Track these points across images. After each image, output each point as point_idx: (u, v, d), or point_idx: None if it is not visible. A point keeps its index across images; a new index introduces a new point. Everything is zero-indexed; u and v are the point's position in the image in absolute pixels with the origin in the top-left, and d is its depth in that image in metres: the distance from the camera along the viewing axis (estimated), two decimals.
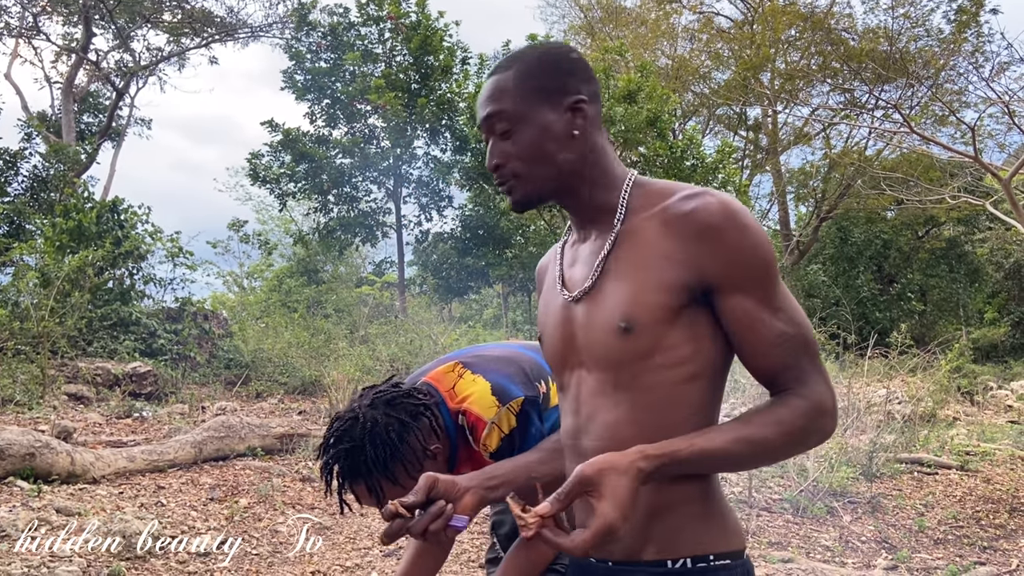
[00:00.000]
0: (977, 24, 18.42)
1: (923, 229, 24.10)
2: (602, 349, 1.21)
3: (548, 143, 1.24)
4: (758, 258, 1.15)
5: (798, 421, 1.13)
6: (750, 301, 1.15)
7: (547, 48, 1.30)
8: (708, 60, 24.19)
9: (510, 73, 1.25)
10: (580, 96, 1.25)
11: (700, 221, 1.15)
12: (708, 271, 1.14)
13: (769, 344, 1.15)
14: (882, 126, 16.19)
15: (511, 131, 1.24)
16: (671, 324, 1.16)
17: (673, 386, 1.17)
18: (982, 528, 5.65)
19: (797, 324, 1.17)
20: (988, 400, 12.71)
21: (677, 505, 1.18)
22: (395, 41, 19.10)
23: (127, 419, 7.60)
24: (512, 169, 1.26)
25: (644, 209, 1.22)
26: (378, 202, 20.08)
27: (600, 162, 1.28)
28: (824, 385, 1.15)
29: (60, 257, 10.24)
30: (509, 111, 1.24)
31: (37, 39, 21.99)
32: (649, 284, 1.17)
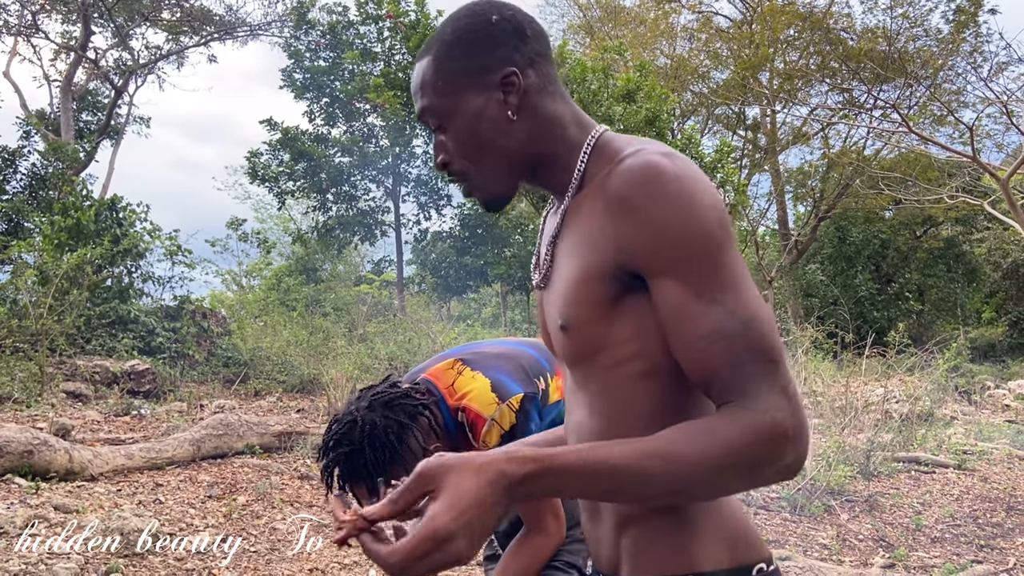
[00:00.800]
0: (975, 24, 18.45)
1: (921, 229, 24.14)
2: (557, 345, 1.08)
3: (484, 133, 1.06)
4: (686, 233, 0.91)
5: (737, 439, 0.86)
6: (677, 287, 0.91)
7: (462, 18, 1.09)
8: (707, 59, 24.22)
9: (429, 59, 1.08)
10: (508, 69, 1.05)
11: (618, 191, 0.94)
12: (628, 253, 0.94)
13: (696, 343, 0.90)
14: (880, 126, 16.22)
15: (444, 127, 1.08)
16: (610, 319, 0.98)
17: (627, 386, 1.00)
18: (979, 527, 5.67)
19: (742, 320, 0.89)
20: (985, 399, 12.74)
21: (647, 516, 1.01)
22: (394, 40, 19.11)
23: (125, 417, 7.60)
24: (459, 167, 1.09)
25: (593, 177, 1.03)
26: (377, 201, 20.10)
27: (555, 133, 1.08)
28: (782, 400, 0.87)
29: (59, 255, 10.24)
30: (434, 106, 1.07)
31: (36, 37, 22.00)
32: (580, 274, 1.00)
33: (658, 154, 0.94)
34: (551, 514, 1.83)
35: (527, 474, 0.85)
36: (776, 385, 0.88)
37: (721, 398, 0.90)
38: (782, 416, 0.86)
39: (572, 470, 0.86)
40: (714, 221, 0.92)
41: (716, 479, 0.87)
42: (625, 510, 1.03)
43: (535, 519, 1.82)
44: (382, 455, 1.61)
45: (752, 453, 0.86)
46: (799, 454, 0.88)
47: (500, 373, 1.84)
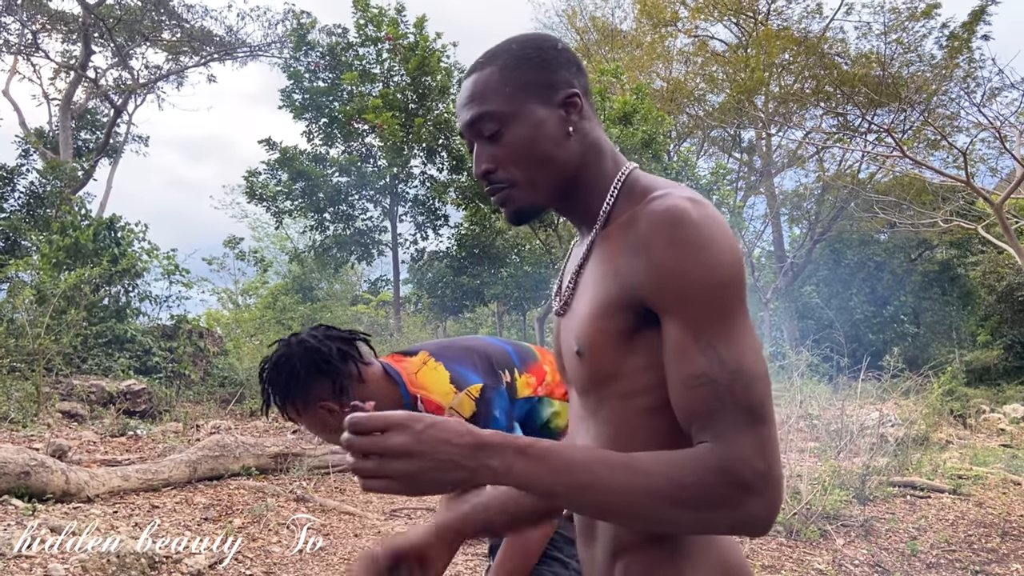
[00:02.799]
0: (969, 50, 18.66)
1: (916, 252, 24.25)
2: (571, 371, 1.12)
3: (543, 143, 1.09)
4: (696, 278, 0.94)
5: (690, 474, 0.89)
6: (676, 327, 0.95)
7: (529, 39, 1.14)
8: (703, 83, 24.41)
9: (493, 69, 1.11)
10: (573, 90, 1.11)
11: (641, 232, 0.99)
12: (643, 290, 0.98)
13: (684, 382, 0.94)
14: (875, 150, 16.33)
15: (501, 132, 1.10)
16: (625, 349, 1.01)
17: (634, 418, 1.03)
18: (974, 552, 5.67)
19: (731, 370, 0.92)
20: (981, 423, 12.76)
21: (641, 545, 1.04)
22: (393, 61, 19.25)
23: (121, 437, 7.59)
24: (506, 175, 1.11)
25: (621, 214, 1.08)
26: (374, 220, 20.17)
27: (597, 160, 1.13)
28: (753, 453, 0.89)
29: (56, 274, 10.25)
30: (497, 110, 1.09)
31: (36, 56, 22.12)
32: (599, 304, 1.03)
33: (684, 199, 0.98)
34: None
35: (493, 443, 0.91)
36: (751, 438, 0.90)
37: (697, 439, 0.93)
38: (745, 467, 0.88)
39: (530, 452, 0.91)
40: (724, 271, 0.95)
41: (663, 507, 0.89)
42: (621, 537, 1.05)
43: None
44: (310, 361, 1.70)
45: (702, 492, 0.88)
46: (761, 510, 0.89)
47: (461, 365, 1.88)
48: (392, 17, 18.99)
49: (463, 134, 1.15)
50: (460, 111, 1.14)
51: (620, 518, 0.96)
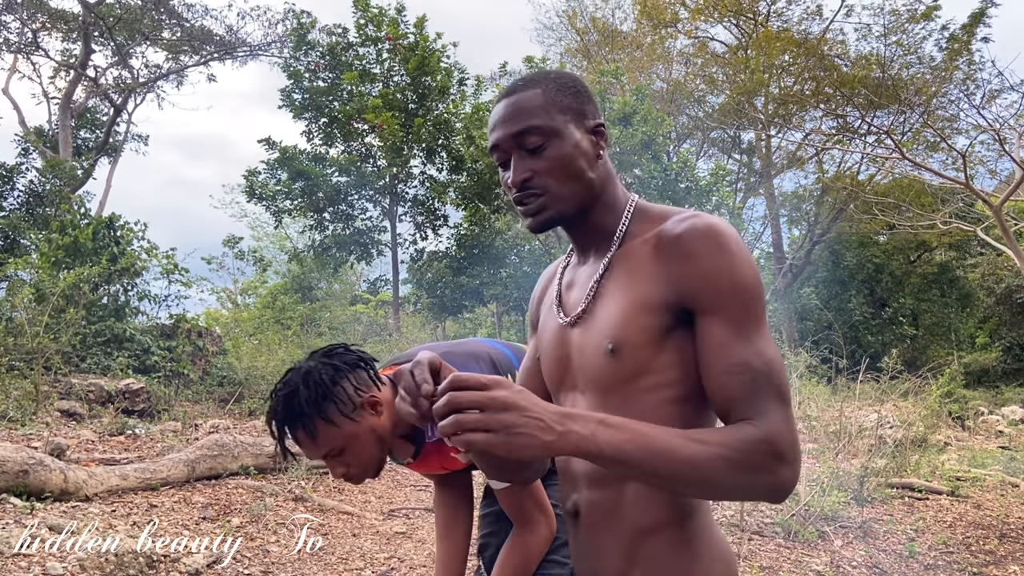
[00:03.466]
0: (969, 52, 18.65)
1: (915, 254, 24.26)
2: (593, 372, 1.22)
3: (580, 161, 1.23)
4: (736, 283, 1.11)
5: (743, 446, 1.03)
6: (719, 324, 1.11)
7: (563, 72, 1.30)
8: (703, 84, 24.42)
9: (537, 91, 1.24)
10: (600, 120, 1.28)
11: (684, 242, 1.14)
12: (685, 290, 1.13)
13: (728, 370, 1.09)
14: (874, 151, 16.35)
15: (544, 146, 1.22)
16: (657, 346, 1.15)
17: (660, 409, 1.15)
18: (972, 554, 5.68)
19: (766, 361, 1.09)
20: (979, 425, 12.77)
21: (664, 528, 1.18)
22: (393, 61, 19.26)
23: (120, 436, 7.58)
24: (542, 184, 1.23)
25: (641, 234, 1.23)
26: (373, 220, 20.17)
27: (609, 187, 1.29)
28: (785, 428, 1.06)
29: (55, 273, 10.24)
30: (544, 125, 1.22)
31: (36, 55, 22.10)
32: (635, 305, 1.16)
33: (718, 219, 1.16)
34: (537, 509, 1.90)
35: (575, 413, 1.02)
36: (782, 416, 1.07)
37: (737, 418, 1.08)
38: (780, 438, 1.05)
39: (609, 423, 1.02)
40: (757, 278, 1.14)
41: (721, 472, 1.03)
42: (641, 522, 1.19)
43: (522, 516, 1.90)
44: (315, 393, 1.67)
45: (757, 465, 1.03)
46: (790, 477, 1.05)
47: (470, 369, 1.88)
48: (392, 17, 19.00)
49: (498, 147, 1.25)
50: (501, 125, 1.24)
51: (681, 483, 1.05)
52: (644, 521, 1.18)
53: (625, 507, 1.20)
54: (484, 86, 20.29)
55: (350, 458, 1.73)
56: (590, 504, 1.26)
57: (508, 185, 1.25)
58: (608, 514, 1.23)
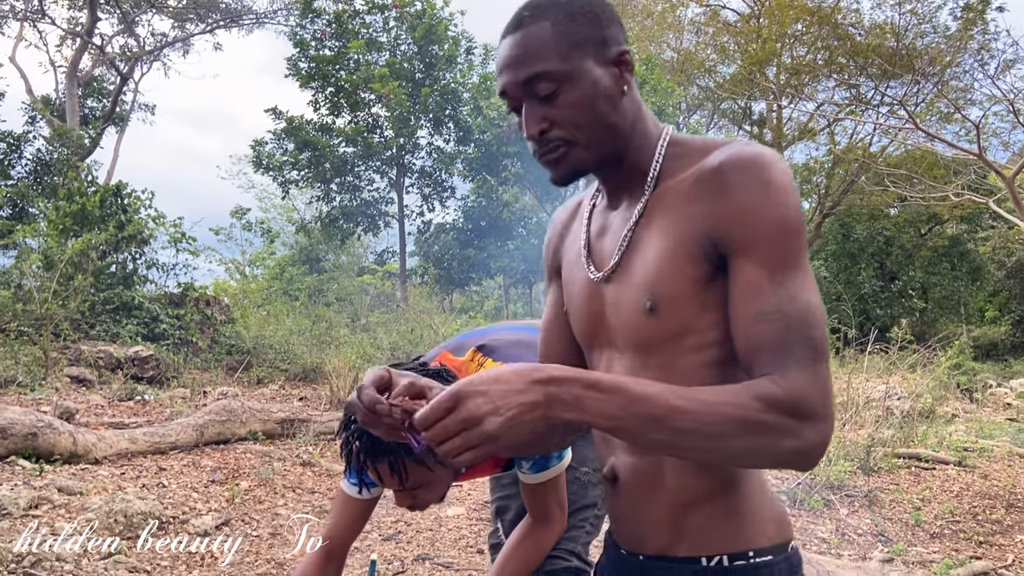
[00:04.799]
0: (984, 21, 18.37)
1: (926, 227, 24.08)
2: (631, 331, 1.09)
3: (600, 103, 1.07)
4: (775, 219, 0.98)
5: (758, 404, 0.92)
6: (752, 264, 0.98)
7: None
8: (714, 54, 24.17)
9: (545, 24, 1.06)
10: (624, 47, 1.09)
11: (723, 173, 1.00)
12: (718, 228, 1.00)
13: (757, 317, 0.97)
14: (887, 122, 16.19)
15: (557, 92, 1.06)
16: (700, 301, 1.02)
17: (702, 371, 1.04)
18: (978, 523, 5.68)
19: (800, 308, 0.96)
20: (987, 398, 12.74)
21: (709, 497, 1.07)
22: (400, 30, 19.08)
23: (129, 402, 7.63)
24: (561, 135, 1.08)
25: (679, 171, 1.08)
26: (380, 191, 20.10)
27: (642, 123, 1.13)
28: (813, 386, 0.93)
29: (63, 240, 10.26)
30: (554, 69, 1.05)
31: (42, 23, 22.00)
32: (674, 255, 1.03)
33: (768, 150, 1.02)
34: (557, 505, 1.84)
35: (558, 376, 0.91)
36: (811, 371, 0.94)
37: (759, 371, 0.96)
38: (807, 397, 0.92)
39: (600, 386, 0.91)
40: (800, 216, 1.00)
41: (730, 436, 0.92)
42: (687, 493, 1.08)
43: (541, 510, 1.83)
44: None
45: (768, 420, 0.91)
46: (818, 440, 0.93)
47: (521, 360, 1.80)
48: None
49: (507, 92, 1.10)
50: (507, 70, 1.08)
51: (685, 450, 0.95)
52: (689, 489, 1.08)
53: (667, 475, 1.10)
54: (492, 55, 20.12)
55: (426, 494, 1.60)
56: (629, 470, 1.15)
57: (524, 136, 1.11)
58: (650, 481, 1.12)
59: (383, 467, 1.53)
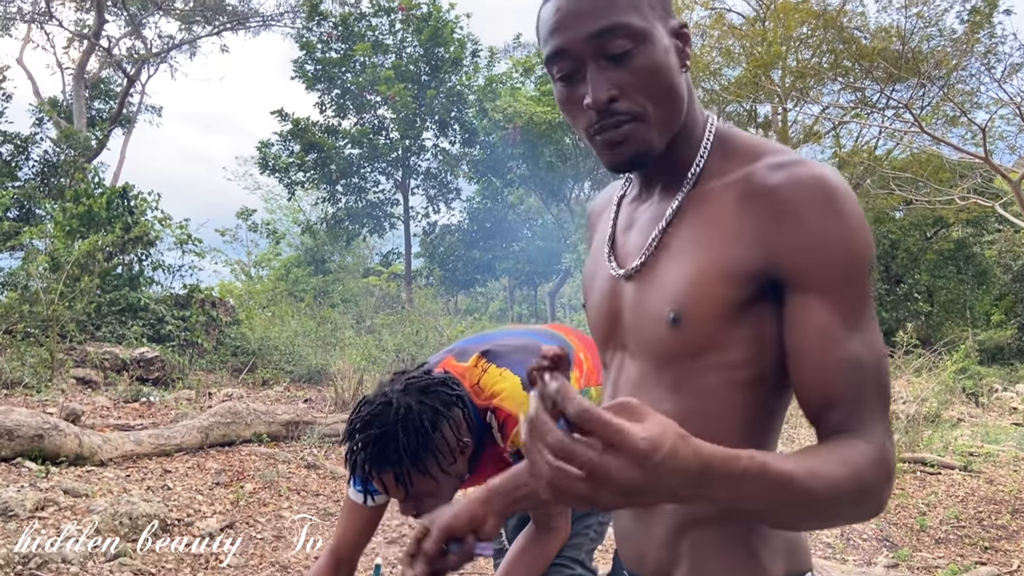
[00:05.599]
0: (990, 25, 18.32)
1: (931, 230, 24.00)
2: (647, 338, 0.99)
3: (672, 74, 0.94)
4: (849, 256, 0.88)
5: (866, 470, 0.83)
6: (825, 307, 0.87)
7: None
8: (719, 56, 24.12)
9: None
10: (684, 20, 0.97)
11: (785, 197, 0.89)
12: (783, 260, 0.89)
13: (835, 366, 0.87)
14: (893, 125, 16.16)
15: (631, 53, 0.91)
16: (731, 320, 0.92)
17: (726, 392, 0.94)
18: (984, 528, 5.66)
19: (876, 356, 0.88)
20: (993, 402, 12.70)
21: (710, 521, 0.98)
22: (406, 32, 19.12)
23: (134, 403, 7.65)
24: (631, 107, 0.93)
25: (723, 172, 0.97)
26: (386, 193, 20.14)
27: (691, 109, 1.01)
28: (889, 439, 0.86)
29: (70, 242, 10.30)
30: (635, 25, 0.91)
31: (50, 25, 22.09)
32: (710, 270, 0.92)
33: (828, 170, 0.91)
34: (563, 515, 1.80)
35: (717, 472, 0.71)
36: (886, 423, 0.88)
37: (837, 426, 0.87)
38: (891, 457, 0.86)
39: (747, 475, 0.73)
40: (872, 252, 0.90)
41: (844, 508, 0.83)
42: (689, 513, 0.98)
43: (547, 519, 1.79)
44: (415, 441, 1.49)
45: (874, 489, 0.84)
46: (889, 495, 0.87)
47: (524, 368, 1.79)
48: None
49: (565, 52, 0.93)
50: (574, 21, 0.91)
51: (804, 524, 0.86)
52: (693, 510, 0.98)
53: None
54: (497, 58, 20.14)
55: (431, 502, 1.54)
56: None
57: (585, 105, 0.93)
58: None
59: (388, 477, 1.50)
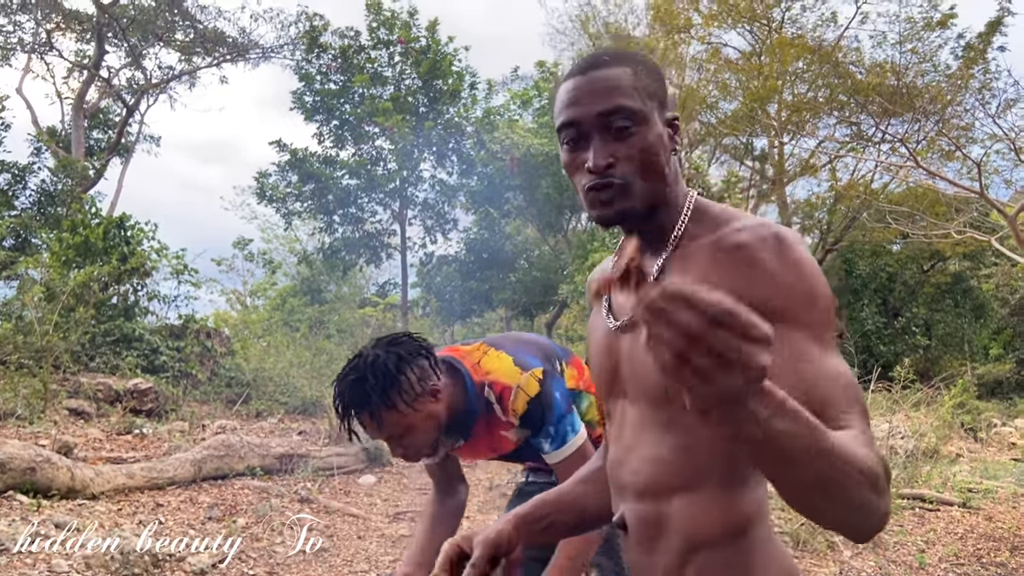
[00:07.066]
0: (985, 61, 18.53)
1: (928, 263, 24.07)
2: (643, 383, 1.13)
3: (661, 153, 1.13)
4: (810, 294, 1.03)
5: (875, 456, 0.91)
6: (797, 335, 1.00)
7: (643, 57, 1.19)
8: (715, 90, 24.34)
9: (627, 69, 1.13)
10: (676, 114, 1.18)
11: (748, 251, 1.05)
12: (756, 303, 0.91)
13: (816, 376, 0.99)
14: (888, 160, 16.27)
15: (631, 131, 1.11)
16: None
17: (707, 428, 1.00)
18: (983, 566, 5.60)
19: (849, 375, 1.01)
20: (992, 437, 12.64)
21: (713, 543, 1.07)
22: (404, 65, 19.27)
23: (127, 435, 7.59)
24: (624, 173, 1.11)
25: (699, 236, 1.14)
26: (383, 223, 20.15)
27: (675, 185, 1.19)
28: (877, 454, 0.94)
29: (66, 272, 10.27)
30: (635, 108, 1.11)
31: (49, 55, 22.22)
32: None
33: (786, 228, 1.09)
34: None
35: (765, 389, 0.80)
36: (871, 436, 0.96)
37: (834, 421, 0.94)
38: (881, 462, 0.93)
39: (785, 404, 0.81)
40: (829, 294, 1.06)
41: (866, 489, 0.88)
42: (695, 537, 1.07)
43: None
44: (382, 381, 1.77)
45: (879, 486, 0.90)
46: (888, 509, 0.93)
47: (522, 352, 2.05)
48: (404, 20, 19.02)
49: (577, 123, 1.12)
50: (587, 99, 1.12)
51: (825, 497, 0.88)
52: (694, 537, 1.08)
53: (672, 521, 1.11)
54: (495, 90, 20.30)
55: (408, 441, 1.85)
56: (635, 517, 1.17)
57: (586, 169, 1.12)
58: (653, 529, 1.13)
59: (365, 417, 1.80)
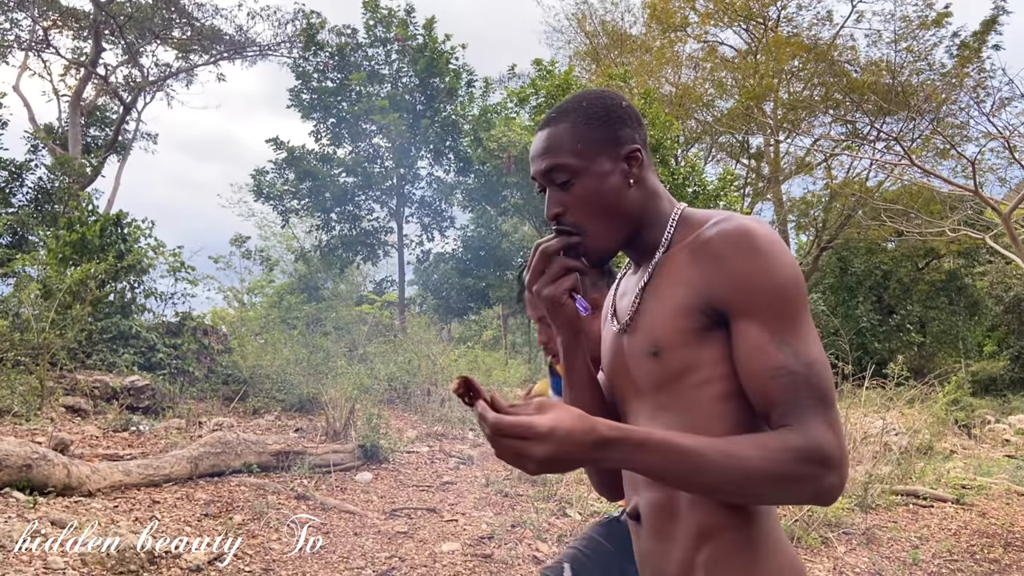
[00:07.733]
0: (979, 59, 18.59)
1: (923, 261, 24.13)
2: (642, 375, 1.26)
3: (608, 195, 1.25)
4: (770, 284, 1.11)
5: (784, 456, 1.04)
6: (755, 327, 1.11)
7: (597, 97, 1.30)
8: (711, 88, 24.38)
9: (566, 125, 1.27)
10: (635, 145, 1.27)
11: (715, 246, 1.15)
12: (719, 293, 1.13)
13: (765, 374, 1.09)
14: (883, 158, 16.28)
15: (571, 182, 1.25)
16: (697, 346, 1.16)
17: (710, 404, 1.16)
18: (976, 562, 5.64)
19: (805, 364, 1.09)
20: (985, 434, 12.69)
21: (723, 530, 1.16)
22: (401, 63, 19.28)
23: (124, 432, 7.60)
24: (573, 221, 1.27)
25: (682, 240, 1.24)
26: (380, 221, 20.18)
27: (655, 205, 1.30)
28: (828, 433, 1.05)
29: (62, 269, 10.27)
30: (568, 163, 1.25)
31: (47, 53, 22.20)
32: (670, 310, 1.19)
33: (750, 220, 1.16)
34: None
35: (612, 439, 1.04)
36: (825, 419, 1.07)
37: (776, 424, 1.09)
38: (823, 444, 1.05)
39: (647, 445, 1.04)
40: (790, 276, 1.13)
41: (762, 487, 1.05)
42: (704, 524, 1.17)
43: None
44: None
45: (800, 475, 1.04)
46: (837, 483, 1.05)
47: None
48: (401, 18, 19.04)
49: (535, 179, 1.30)
50: (534, 160, 1.30)
51: (720, 495, 1.09)
52: (703, 524, 1.18)
53: (683, 510, 1.21)
54: (492, 88, 20.31)
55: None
56: (649, 506, 1.27)
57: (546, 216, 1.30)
58: (667, 516, 1.23)
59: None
